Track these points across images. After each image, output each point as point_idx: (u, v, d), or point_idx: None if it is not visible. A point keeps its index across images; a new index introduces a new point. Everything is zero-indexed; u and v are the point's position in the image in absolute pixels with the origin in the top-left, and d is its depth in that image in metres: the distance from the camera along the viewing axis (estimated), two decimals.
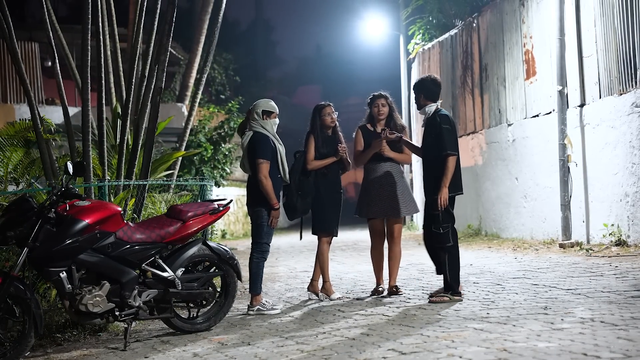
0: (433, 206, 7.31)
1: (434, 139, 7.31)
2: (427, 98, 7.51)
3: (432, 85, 7.54)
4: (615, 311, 5.91)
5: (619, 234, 10.70)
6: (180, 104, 19.76)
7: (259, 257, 7.54)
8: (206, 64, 12.78)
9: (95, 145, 9.59)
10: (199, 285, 6.57)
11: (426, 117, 7.51)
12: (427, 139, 7.47)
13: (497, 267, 9.90)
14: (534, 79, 13.49)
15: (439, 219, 7.27)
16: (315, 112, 8.19)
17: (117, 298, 6.10)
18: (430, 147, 7.41)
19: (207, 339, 6.28)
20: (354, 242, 17.13)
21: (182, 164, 16.53)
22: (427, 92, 7.51)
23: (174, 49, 23.32)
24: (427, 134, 7.47)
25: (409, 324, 6.12)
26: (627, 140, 10.60)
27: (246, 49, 41.18)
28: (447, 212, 7.29)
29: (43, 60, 21.65)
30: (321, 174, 8.04)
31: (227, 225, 22.54)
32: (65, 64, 10.82)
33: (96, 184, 8.51)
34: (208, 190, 11.21)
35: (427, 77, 7.65)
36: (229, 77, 31.38)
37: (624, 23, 10.73)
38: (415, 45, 19.89)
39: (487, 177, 15.20)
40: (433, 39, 18.82)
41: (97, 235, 6.03)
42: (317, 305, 7.66)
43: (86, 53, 8.65)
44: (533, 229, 13.40)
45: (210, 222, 6.74)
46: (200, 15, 18.89)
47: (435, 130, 7.31)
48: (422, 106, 7.56)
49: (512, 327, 5.60)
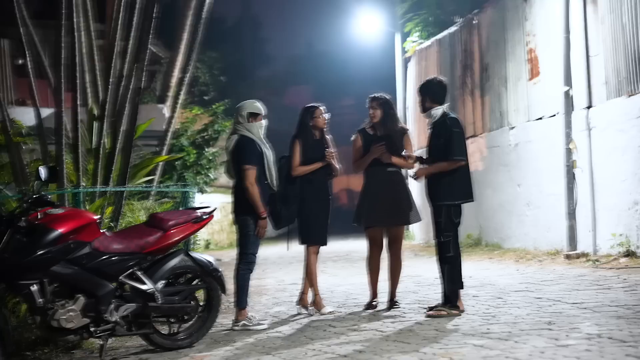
0: (437, 213, 7.37)
1: (443, 143, 7.38)
2: (434, 101, 7.58)
3: (438, 87, 7.63)
4: (624, 327, 5.91)
5: (628, 244, 10.72)
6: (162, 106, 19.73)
7: (245, 268, 7.53)
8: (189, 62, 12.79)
9: (70, 149, 9.56)
10: (181, 298, 6.54)
11: (432, 120, 7.57)
12: (434, 143, 7.53)
13: (499, 279, 9.91)
14: (537, 80, 13.53)
15: (441, 226, 7.35)
16: (306, 113, 8.19)
17: (93, 313, 6.07)
18: (438, 151, 7.47)
19: (189, 357, 6.25)
20: (347, 252, 17.12)
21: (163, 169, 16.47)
22: (433, 94, 7.59)
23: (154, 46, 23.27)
24: (435, 137, 7.53)
25: (404, 340, 6.11)
26: (637, 144, 10.63)
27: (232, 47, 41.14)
28: (450, 221, 7.35)
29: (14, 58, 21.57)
30: (307, 180, 8.04)
31: (211, 234, 22.50)
32: (38, 62, 10.78)
33: (71, 190, 8.49)
34: (191, 198, 11.19)
35: (434, 79, 7.74)
36: (213, 77, 31.37)
37: (633, 20, 10.77)
38: (412, 44, 19.93)
39: (487, 184, 15.22)
40: (431, 36, 18.86)
41: (71, 246, 6.00)
42: (307, 320, 7.65)
43: (60, 51, 8.63)
44: (536, 238, 13.42)
45: (192, 231, 6.73)
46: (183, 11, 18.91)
47: (445, 133, 7.39)
48: (427, 109, 7.62)
49: (514, 344, 5.59)
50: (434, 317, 7.18)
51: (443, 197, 7.37)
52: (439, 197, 7.39)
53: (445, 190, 7.37)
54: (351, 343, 6.20)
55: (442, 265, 7.40)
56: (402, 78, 22.60)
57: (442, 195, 7.38)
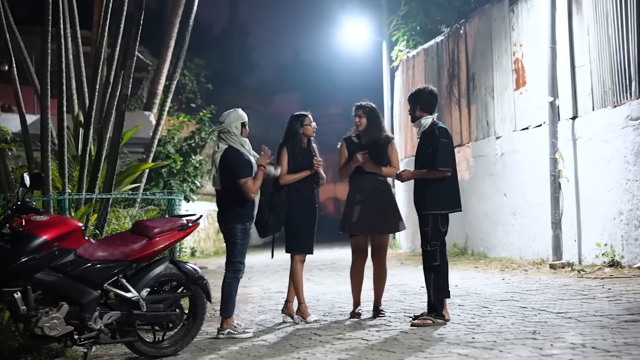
0: (423, 222, 7.41)
1: (431, 153, 7.42)
2: (423, 110, 7.62)
3: (429, 96, 7.67)
4: (608, 336, 5.95)
5: (613, 254, 10.78)
6: (148, 113, 19.69)
7: (232, 277, 7.51)
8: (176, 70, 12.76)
9: (55, 155, 9.53)
10: (166, 306, 6.52)
11: (422, 130, 7.60)
12: (422, 152, 7.56)
13: (484, 288, 9.94)
14: (523, 90, 13.60)
15: (427, 235, 7.38)
16: (295, 121, 8.21)
17: (77, 320, 6.04)
18: (425, 161, 7.50)
19: None
20: (333, 260, 17.12)
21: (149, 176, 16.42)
22: (423, 103, 7.62)
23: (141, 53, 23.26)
24: (423, 146, 7.56)
25: (389, 349, 6.12)
26: (622, 155, 10.70)
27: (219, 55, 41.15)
28: (436, 230, 7.39)
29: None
30: (294, 189, 8.05)
31: (197, 242, 22.45)
32: (23, 68, 10.75)
33: (55, 197, 8.46)
34: (177, 205, 11.16)
35: (425, 88, 7.77)
36: (200, 84, 31.33)
37: (618, 31, 10.85)
38: (399, 53, 19.99)
39: (473, 193, 15.28)
40: (418, 45, 18.93)
41: (56, 253, 5.98)
42: (292, 329, 7.64)
43: (46, 57, 8.61)
44: (522, 248, 13.47)
45: (178, 239, 6.71)
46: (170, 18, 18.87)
47: (433, 143, 7.43)
48: (417, 118, 7.65)
49: (498, 353, 5.61)
50: (419, 326, 7.20)
51: (430, 206, 7.41)
52: (425, 206, 7.43)
53: (432, 200, 7.41)
54: (336, 352, 6.20)
55: (428, 274, 7.42)
56: (389, 87, 22.66)
57: (429, 204, 7.42)
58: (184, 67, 26.93)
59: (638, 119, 10.35)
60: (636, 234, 10.39)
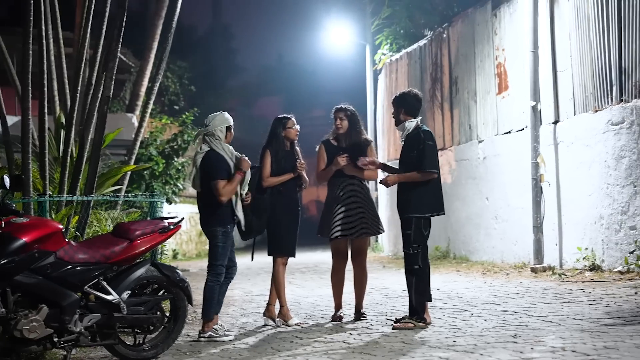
0: (406, 225, 7.42)
1: (416, 156, 7.44)
2: (408, 113, 7.63)
3: (414, 100, 7.68)
4: (588, 340, 5.98)
5: (593, 258, 10.84)
6: (130, 115, 19.63)
7: (214, 279, 7.50)
8: (159, 72, 12.74)
9: (36, 157, 9.48)
10: (147, 309, 6.50)
11: (406, 133, 7.61)
12: (407, 155, 7.57)
13: (466, 292, 9.97)
14: (506, 94, 13.66)
15: (410, 238, 7.39)
16: (278, 124, 8.20)
17: (56, 323, 6.01)
18: (410, 164, 7.51)
19: None
20: (315, 264, 17.12)
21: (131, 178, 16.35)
22: (408, 107, 7.63)
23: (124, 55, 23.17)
24: (408, 149, 7.57)
25: (370, 353, 6.13)
26: (603, 159, 10.77)
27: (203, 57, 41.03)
28: (419, 233, 7.40)
29: None
30: (277, 192, 8.04)
31: (179, 244, 22.38)
32: (4, 69, 10.70)
33: (36, 199, 8.42)
34: (159, 207, 11.13)
35: (410, 92, 7.78)
36: (183, 87, 31.25)
37: (599, 36, 10.93)
38: (382, 56, 20.03)
39: (456, 197, 15.32)
40: (401, 49, 18.97)
41: (36, 255, 5.95)
42: (274, 332, 7.64)
43: (27, 58, 8.57)
44: (504, 251, 13.53)
45: (159, 241, 6.69)
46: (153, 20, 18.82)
47: (418, 146, 7.44)
48: (401, 121, 7.66)
49: (479, 356, 5.64)
50: (400, 329, 7.20)
51: (413, 209, 7.42)
52: (409, 210, 7.44)
53: (415, 203, 7.43)
54: (317, 355, 6.20)
55: (410, 277, 7.43)
56: (372, 90, 22.71)
57: (412, 207, 7.43)
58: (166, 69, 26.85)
59: (619, 124, 10.43)
60: (616, 238, 10.46)
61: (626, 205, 10.29)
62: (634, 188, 10.13)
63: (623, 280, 9.60)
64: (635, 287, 8.90)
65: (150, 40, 18.62)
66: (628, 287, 8.95)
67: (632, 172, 10.18)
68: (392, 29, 19.38)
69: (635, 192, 10.11)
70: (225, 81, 46.93)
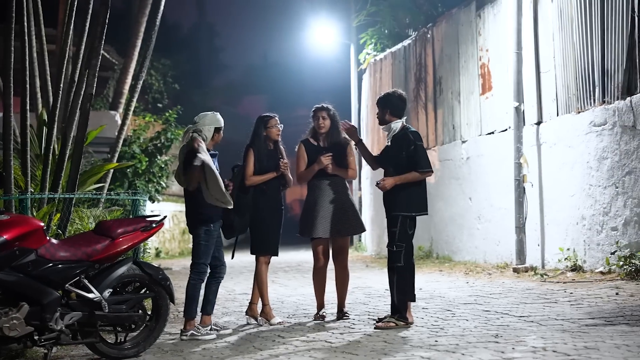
0: (392, 223, 7.48)
1: (406, 157, 7.47)
2: (393, 114, 7.68)
3: (398, 101, 7.72)
4: (569, 340, 6.01)
5: (575, 258, 10.89)
6: (114, 112, 19.53)
7: (196, 278, 7.50)
8: (142, 69, 12.69)
9: (18, 154, 9.43)
10: (128, 307, 6.48)
11: (392, 134, 7.64)
12: (396, 156, 7.58)
13: (448, 291, 10.00)
14: (489, 94, 13.70)
15: (395, 236, 7.44)
16: (260, 123, 8.20)
17: (37, 321, 5.98)
18: (400, 165, 7.52)
19: None
20: (298, 263, 17.12)
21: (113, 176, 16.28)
22: (393, 108, 7.68)
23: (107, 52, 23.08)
24: (396, 150, 7.58)
25: (352, 352, 6.13)
26: (585, 160, 10.82)
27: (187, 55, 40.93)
28: (404, 231, 7.44)
29: None
30: (260, 191, 8.03)
31: (161, 243, 22.32)
32: None
33: (17, 196, 8.37)
34: (141, 206, 11.08)
35: (394, 93, 7.80)
36: (167, 85, 31.15)
37: (583, 38, 10.98)
38: (366, 56, 20.06)
39: (440, 197, 15.36)
40: (385, 49, 19.00)
41: (16, 253, 5.91)
42: (256, 330, 7.63)
43: (9, 54, 8.52)
44: (486, 252, 13.57)
45: (141, 239, 6.67)
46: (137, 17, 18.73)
47: (408, 146, 7.48)
48: (386, 122, 7.70)
49: (460, 356, 5.65)
50: (382, 328, 7.21)
51: (400, 208, 7.46)
52: (396, 208, 7.48)
53: (403, 202, 7.48)
54: (299, 354, 6.20)
55: (391, 275, 7.46)
56: (356, 89, 22.76)
57: (400, 206, 7.47)
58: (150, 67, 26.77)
59: (601, 125, 10.48)
60: (598, 239, 10.51)
61: (608, 206, 10.35)
62: (616, 189, 10.19)
63: (604, 280, 9.65)
64: (617, 287, 8.96)
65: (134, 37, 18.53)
66: (609, 288, 9.00)
67: (614, 174, 10.24)
68: (377, 29, 19.42)
69: (617, 193, 10.17)
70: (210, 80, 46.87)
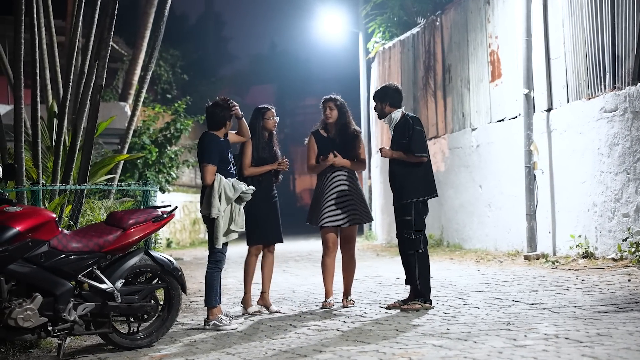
0: (406, 211, 7.70)
1: (408, 142, 7.73)
2: (392, 106, 7.97)
3: (395, 93, 8.01)
4: (581, 327, 6.01)
5: (586, 245, 10.87)
6: (123, 103, 19.57)
7: (214, 267, 7.53)
8: (151, 60, 12.68)
9: (29, 146, 9.46)
10: (140, 298, 6.51)
11: (394, 123, 7.91)
12: (399, 143, 7.84)
13: (459, 279, 10.00)
14: (499, 82, 13.66)
15: (411, 224, 7.68)
16: (257, 114, 8.32)
17: (50, 312, 6.01)
18: (404, 149, 7.79)
19: (148, 356, 6.23)
20: (308, 252, 17.13)
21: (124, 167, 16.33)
22: (391, 100, 7.97)
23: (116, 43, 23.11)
24: (399, 137, 7.86)
25: (364, 340, 6.15)
26: (596, 147, 10.79)
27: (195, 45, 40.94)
28: (419, 218, 7.69)
29: None
30: (256, 181, 8.10)
31: (172, 233, 22.38)
32: None
33: (29, 188, 8.40)
34: (152, 196, 11.11)
35: (390, 86, 8.09)
36: (176, 75, 31.17)
37: (593, 24, 10.93)
38: (375, 44, 20.01)
39: (450, 185, 15.34)
40: (394, 37, 18.96)
41: (29, 244, 5.94)
42: (268, 319, 7.66)
43: (19, 47, 8.53)
44: (497, 239, 13.56)
45: (153, 230, 6.70)
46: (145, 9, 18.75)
47: (408, 132, 7.75)
48: (385, 114, 7.97)
49: (472, 344, 5.65)
50: (408, 310, 7.48)
51: (410, 194, 7.71)
52: (405, 195, 7.72)
53: (411, 188, 7.72)
54: (311, 342, 6.21)
55: (412, 261, 7.69)
56: (365, 78, 22.72)
57: (409, 192, 7.71)
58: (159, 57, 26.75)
59: (612, 111, 10.44)
60: (609, 225, 10.49)
61: (619, 193, 10.32)
62: (627, 175, 10.16)
63: (616, 267, 9.64)
64: (628, 274, 8.94)
65: (143, 28, 18.54)
66: (621, 275, 8.98)
67: (625, 160, 10.20)
68: (385, 17, 19.36)
69: (629, 179, 10.14)
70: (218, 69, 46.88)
